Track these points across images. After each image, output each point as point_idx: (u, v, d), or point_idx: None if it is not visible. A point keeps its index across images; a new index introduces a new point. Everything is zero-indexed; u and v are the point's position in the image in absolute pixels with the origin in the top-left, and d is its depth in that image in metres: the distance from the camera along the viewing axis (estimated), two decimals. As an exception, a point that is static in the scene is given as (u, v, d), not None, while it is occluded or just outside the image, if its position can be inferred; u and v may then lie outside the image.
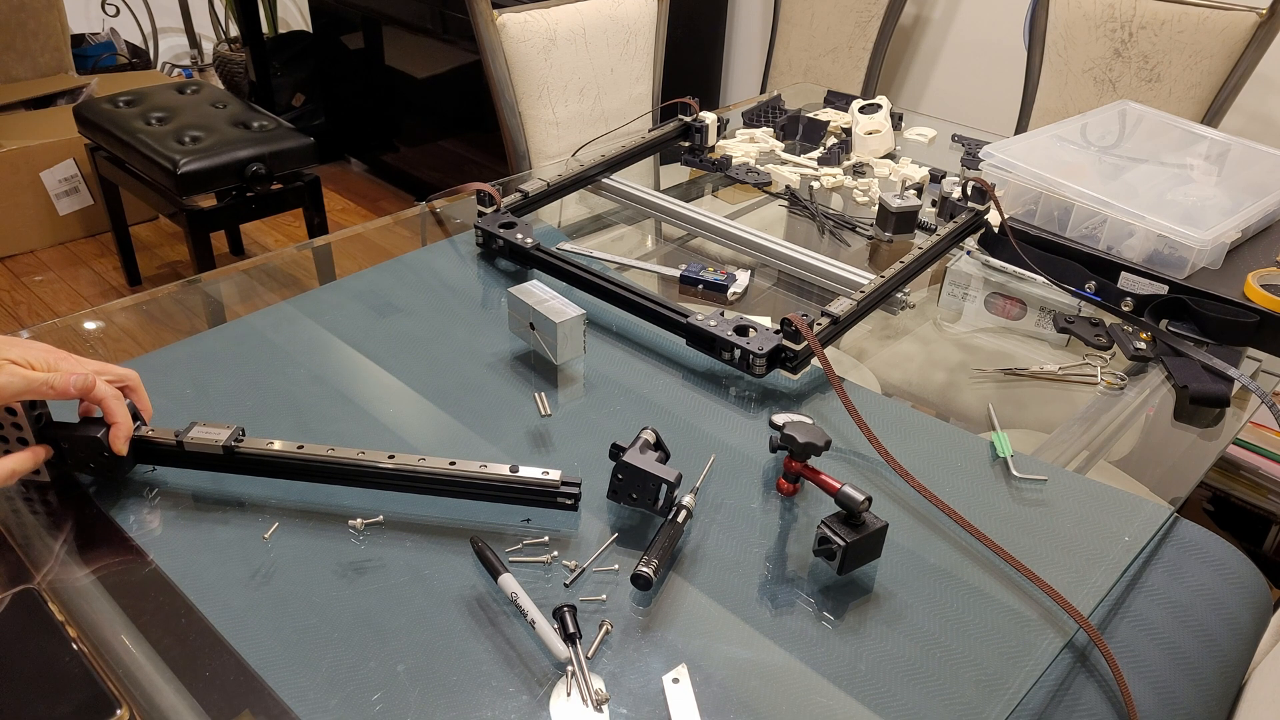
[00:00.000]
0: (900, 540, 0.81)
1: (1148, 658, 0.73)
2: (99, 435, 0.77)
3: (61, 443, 0.78)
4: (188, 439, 0.80)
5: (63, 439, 0.78)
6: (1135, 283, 1.19)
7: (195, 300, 1.15)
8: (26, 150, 2.71)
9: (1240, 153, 1.42)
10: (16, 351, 0.74)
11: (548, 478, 0.79)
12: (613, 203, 1.46)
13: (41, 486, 0.81)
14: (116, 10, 3.48)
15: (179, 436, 0.80)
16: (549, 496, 0.80)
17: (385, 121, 3.24)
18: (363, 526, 0.78)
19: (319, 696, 0.65)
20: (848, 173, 1.57)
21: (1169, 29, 1.92)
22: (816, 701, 0.67)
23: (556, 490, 0.79)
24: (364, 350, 1.02)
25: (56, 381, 0.74)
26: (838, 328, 1.05)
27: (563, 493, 0.79)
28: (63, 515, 0.79)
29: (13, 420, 0.77)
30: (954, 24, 2.68)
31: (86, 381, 0.75)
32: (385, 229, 1.34)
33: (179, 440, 0.80)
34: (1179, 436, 1.02)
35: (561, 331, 0.97)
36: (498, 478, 0.79)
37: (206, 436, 0.80)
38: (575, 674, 0.66)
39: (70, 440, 0.78)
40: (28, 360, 0.74)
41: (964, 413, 1.03)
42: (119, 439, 0.78)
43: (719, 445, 0.91)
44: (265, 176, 2.31)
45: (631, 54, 1.99)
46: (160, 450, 0.81)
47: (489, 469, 0.79)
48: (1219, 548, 0.84)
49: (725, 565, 0.77)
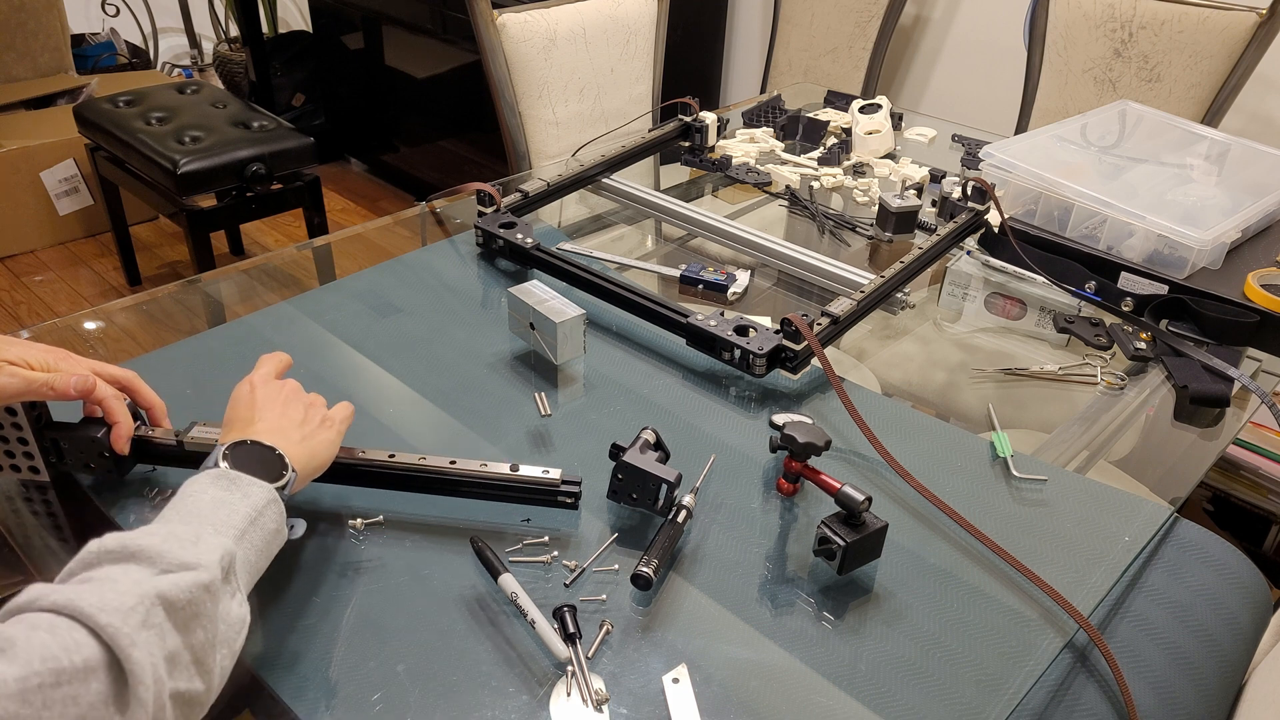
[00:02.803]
0: (900, 540, 0.81)
1: (1148, 658, 0.73)
2: (99, 435, 0.77)
3: (61, 443, 0.78)
4: (188, 439, 0.80)
5: (62, 439, 0.78)
6: (1135, 283, 1.19)
7: (195, 300, 1.15)
8: (26, 150, 2.71)
9: (1240, 153, 1.42)
10: (15, 351, 0.73)
11: (548, 476, 0.79)
12: (613, 203, 1.46)
13: (41, 486, 0.81)
14: (116, 10, 3.48)
15: (179, 436, 0.80)
16: (549, 495, 0.80)
17: (385, 121, 3.24)
18: (363, 526, 0.78)
19: (319, 696, 0.65)
20: (848, 173, 1.57)
21: (1169, 29, 1.92)
22: (816, 701, 0.67)
23: (557, 489, 0.79)
24: (364, 350, 1.02)
25: (57, 382, 0.74)
26: (838, 328, 1.05)
27: (563, 491, 0.79)
28: (62, 515, 0.79)
29: (13, 420, 0.77)
30: (954, 24, 2.68)
31: (86, 383, 0.75)
32: (385, 229, 1.34)
33: (179, 440, 0.80)
34: (1179, 436, 1.02)
35: (561, 331, 0.97)
36: (498, 476, 0.79)
37: (208, 436, 0.80)
38: (575, 674, 0.66)
39: (70, 440, 0.78)
40: (26, 360, 0.74)
41: (964, 413, 1.03)
42: (120, 439, 0.78)
43: (719, 445, 0.91)
44: (265, 176, 2.31)
45: (631, 54, 1.99)
46: (161, 450, 0.81)
47: (489, 468, 0.79)
48: (1219, 548, 0.84)
49: (725, 565, 0.77)
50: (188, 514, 0.61)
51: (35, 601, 0.49)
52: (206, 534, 0.59)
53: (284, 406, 0.74)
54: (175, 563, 0.55)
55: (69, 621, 0.49)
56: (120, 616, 0.49)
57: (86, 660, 0.48)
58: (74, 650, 0.47)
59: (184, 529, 0.59)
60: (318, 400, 0.78)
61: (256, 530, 0.63)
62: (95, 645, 0.48)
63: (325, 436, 0.75)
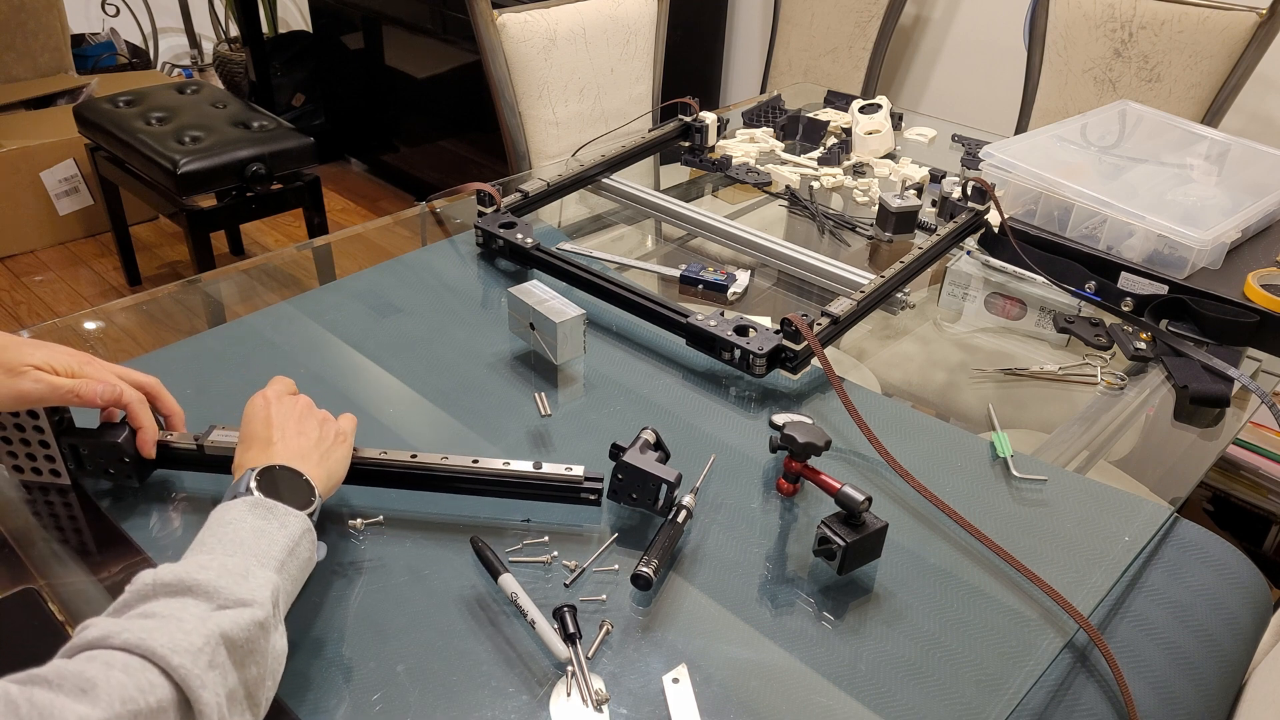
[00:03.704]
0: (900, 540, 0.81)
1: (1148, 658, 0.73)
2: (119, 441, 0.77)
3: (80, 449, 0.78)
4: (208, 443, 0.79)
5: (81, 446, 0.78)
6: (1135, 283, 1.19)
7: (195, 300, 1.15)
8: (26, 150, 2.71)
9: (1240, 153, 1.42)
10: (41, 356, 0.73)
11: (571, 474, 0.79)
12: (613, 203, 1.46)
13: (62, 489, 0.81)
14: (116, 10, 3.48)
15: (199, 440, 0.80)
16: (572, 492, 0.80)
17: (385, 121, 3.24)
18: (363, 526, 0.78)
19: (319, 696, 0.65)
20: (848, 173, 1.57)
21: (1169, 29, 1.92)
22: (816, 701, 0.67)
23: (580, 486, 0.80)
24: (364, 350, 1.02)
25: (83, 390, 0.74)
26: (838, 328, 1.05)
27: (586, 488, 0.80)
28: (82, 518, 0.79)
29: (34, 423, 0.77)
30: (954, 24, 2.68)
31: (113, 393, 0.75)
32: (385, 229, 1.34)
33: (199, 444, 0.79)
34: (1179, 436, 1.02)
35: (561, 331, 0.97)
36: (522, 475, 0.80)
37: (227, 440, 0.79)
38: (575, 674, 0.66)
39: (89, 447, 0.78)
40: (52, 365, 0.73)
41: (964, 413, 1.03)
42: (146, 443, 0.78)
43: (719, 445, 0.91)
44: (265, 176, 2.31)
45: (631, 54, 1.99)
46: (180, 455, 0.81)
47: (512, 466, 0.80)
48: (1219, 548, 0.84)
49: (725, 565, 0.77)
50: (231, 544, 0.62)
51: (107, 639, 0.51)
52: (254, 567, 0.60)
53: (300, 425, 0.74)
54: (232, 599, 0.57)
55: (142, 661, 0.51)
56: (190, 658, 0.52)
57: (160, 701, 0.50)
58: (149, 691, 0.50)
59: (233, 562, 0.60)
60: (327, 417, 0.78)
61: (294, 560, 0.64)
62: (168, 686, 0.51)
63: (340, 454, 0.76)
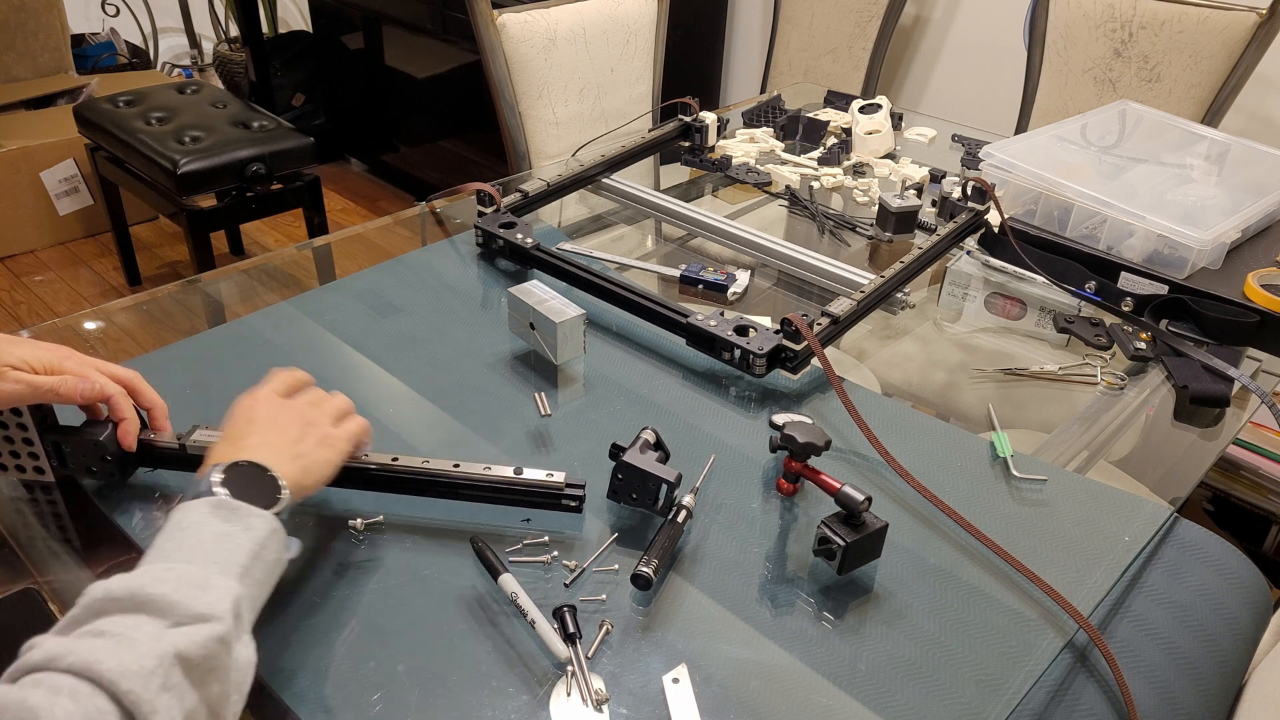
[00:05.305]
0: (900, 540, 0.81)
1: (1148, 658, 0.73)
2: (101, 439, 0.77)
3: (63, 447, 0.78)
4: (190, 442, 0.79)
5: (64, 443, 0.78)
6: (1135, 283, 1.19)
7: (195, 300, 1.15)
8: (26, 150, 2.71)
9: (1240, 153, 1.42)
10: (19, 354, 0.73)
11: (552, 480, 0.79)
12: (613, 203, 1.46)
13: (46, 487, 0.81)
14: (116, 10, 3.48)
15: (182, 440, 0.80)
16: (553, 499, 0.80)
17: (385, 121, 3.24)
18: (363, 527, 0.78)
19: (319, 696, 0.65)
20: (848, 173, 1.57)
21: (1169, 29, 1.92)
22: (816, 701, 0.67)
23: (560, 492, 0.79)
24: (364, 350, 1.02)
25: (63, 389, 0.73)
26: (838, 328, 1.05)
27: (567, 495, 0.79)
28: (66, 515, 0.79)
29: (18, 421, 0.77)
30: (954, 24, 2.68)
31: (93, 390, 0.75)
32: (385, 229, 1.34)
33: (182, 444, 0.80)
34: (1179, 436, 1.02)
35: (561, 331, 0.97)
36: (502, 480, 0.79)
37: (209, 440, 0.80)
38: (575, 674, 0.66)
39: (72, 444, 0.78)
40: (29, 364, 0.73)
41: (964, 413, 1.03)
42: (128, 435, 0.77)
43: (719, 445, 0.91)
44: (265, 176, 2.31)
45: (631, 54, 1.99)
46: (163, 454, 0.81)
47: (493, 471, 0.79)
48: (1219, 548, 0.84)
49: (725, 565, 0.77)
50: (190, 549, 0.59)
51: (54, 661, 0.49)
52: (214, 576, 0.57)
53: (279, 423, 0.72)
54: (189, 614, 0.54)
55: (90, 687, 0.48)
56: (141, 682, 0.49)
57: None
58: (97, 719, 0.48)
59: (191, 571, 0.57)
60: (322, 419, 0.75)
61: (259, 564, 0.61)
62: (117, 713, 0.48)
63: (322, 456, 0.72)
